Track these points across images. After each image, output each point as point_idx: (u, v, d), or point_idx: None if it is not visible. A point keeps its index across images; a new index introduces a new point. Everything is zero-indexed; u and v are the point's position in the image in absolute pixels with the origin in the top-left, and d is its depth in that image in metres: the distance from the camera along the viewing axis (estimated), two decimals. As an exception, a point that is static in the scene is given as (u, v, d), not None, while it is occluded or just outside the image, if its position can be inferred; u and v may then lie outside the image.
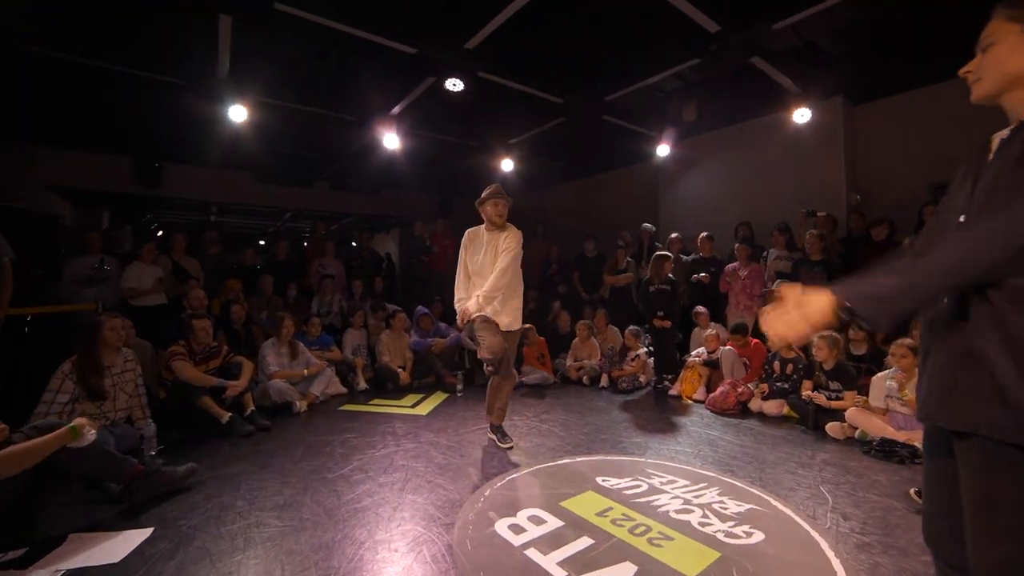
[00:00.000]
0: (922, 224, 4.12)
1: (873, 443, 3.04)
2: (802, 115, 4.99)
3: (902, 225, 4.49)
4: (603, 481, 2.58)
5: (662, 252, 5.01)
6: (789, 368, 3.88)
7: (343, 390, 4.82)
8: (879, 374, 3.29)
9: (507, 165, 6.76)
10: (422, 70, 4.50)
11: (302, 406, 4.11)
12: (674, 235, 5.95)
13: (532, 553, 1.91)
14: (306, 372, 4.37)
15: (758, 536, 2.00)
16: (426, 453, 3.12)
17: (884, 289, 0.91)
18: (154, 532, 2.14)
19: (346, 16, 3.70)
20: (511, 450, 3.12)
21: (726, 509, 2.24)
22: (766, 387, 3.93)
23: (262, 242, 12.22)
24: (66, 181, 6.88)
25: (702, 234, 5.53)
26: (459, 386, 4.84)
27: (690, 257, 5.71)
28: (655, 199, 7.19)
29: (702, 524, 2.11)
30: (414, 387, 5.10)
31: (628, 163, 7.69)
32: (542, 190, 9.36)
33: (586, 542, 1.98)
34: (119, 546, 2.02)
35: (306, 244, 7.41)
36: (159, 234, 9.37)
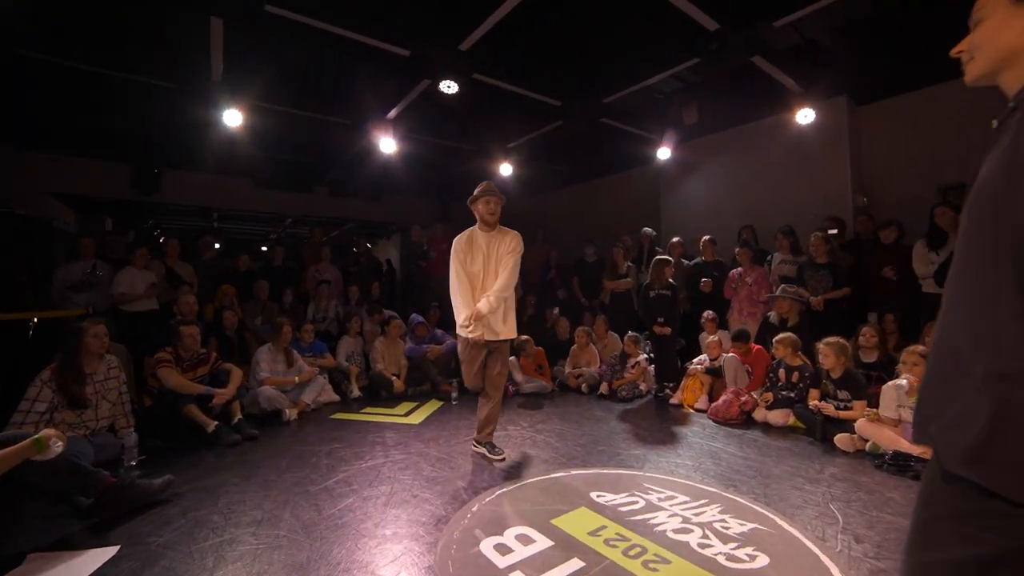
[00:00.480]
0: (933, 226, 3.95)
1: (886, 456, 2.87)
2: (805, 116, 4.87)
3: (910, 227, 4.35)
4: (598, 497, 2.44)
5: (662, 256, 4.88)
6: (795, 376, 3.73)
7: (336, 398, 4.71)
8: (890, 383, 3.14)
9: (506, 169, 6.68)
10: (416, 72, 4.44)
11: (292, 414, 4.01)
12: (675, 239, 5.82)
13: (517, 576, 1.78)
14: (297, 379, 4.27)
15: (762, 560, 1.86)
16: (415, 465, 3.00)
17: None
18: (120, 550, 2.03)
19: (338, 18, 3.64)
20: (502, 462, 2.99)
21: (728, 529, 2.10)
22: (770, 396, 3.78)
23: (264, 248, 12.21)
24: (67, 187, 6.89)
25: (704, 237, 5.40)
26: (454, 394, 4.72)
27: (692, 261, 5.58)
28: (656, 203, 7.07)
29: (702, 546, 1.97)
30: (409, 395, 4.99)
31: (628, 166, 7.59)
32: (541, 194, 9.28)
33: (576, 564, 1.85)
34: (81, 567, 1.91)
35: (303, 250, 7.34)
36: (161, 240, 9.37)
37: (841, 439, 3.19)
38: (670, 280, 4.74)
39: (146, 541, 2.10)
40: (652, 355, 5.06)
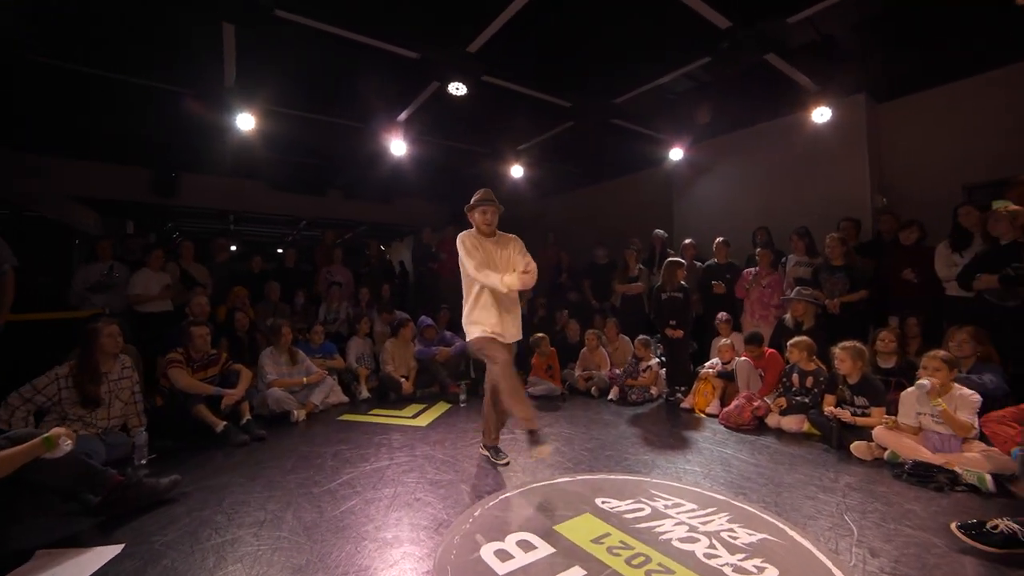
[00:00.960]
0: (957, 227, 3.79)
1: (905, 466, 2.75)
2: (822, 114, 4.75)
3: (933, 228, 4.19)
4: (602, 503, 2.39)
5: (674, 259, 4.80)
6: (809, 381, 3.62)
7: (345, 399, 4.73)
8: (909, 389, 3.02)
9: (516, 171, 6.66)
10: (425, 75, 4.45)
11: (300, 415, 4.04)
12: (687, 241, 5.73)
13: (516, 584, 1.74)
14: (305, 380, 4.30)
15: (771, 572, 1.79)
16: (419, 467, 2.98)
17: None
18: (125, 548, 2.05)
19: (347, 21, 3.67)
20: (507, 466, 2.95)
21: (736, 539, 2.03)
22: (784, 401, 3.68)
23: (279, 250, 12.39)
24: (90, 192, 7.08)
25: (718, 239, 5.29)
26: (462, 396, 4.71)
27: (704, 263, 5.47)
28: (668, 205, 6.97)
29: (708, 556, 1.90)
30: (417, 396, 4.99)
31: (640, 168, 7.50)
32: (552, 196, 9.23)
33: (577, 573, 1.80)
34: (85, 564, 1.93)
35: (315, 252, 7.42)
36: (179, 242, 9.58)
37: (858, 447, 3.08)
38: (682, 282, 4.66)
39: (150, 540, 2.11)
40: (664, 358, 4.98)
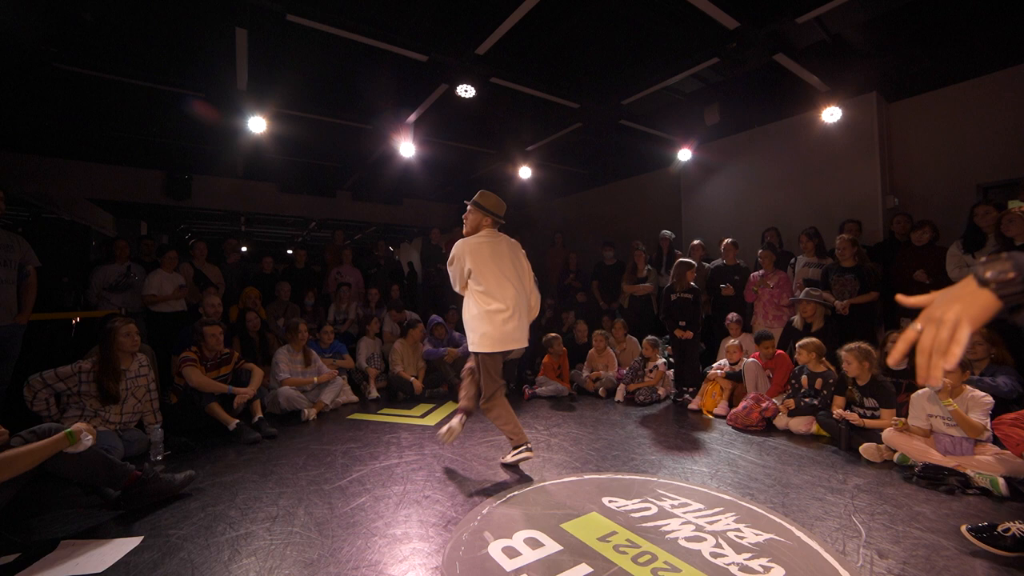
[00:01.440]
0: (972, 227, 3.73)
1: (915, 468, 2.73)
2: (832, 114, 4.72)
3: (946, 228, 4.15)
4: (609, 502, 2.41)
5: (684, 259, 4.79)
6: (818, 383, 3.60)
7: (355, 399, 4.79)
8: (920, 391, 2.99)
9: (525, 172, 6.69)
10: (434, 77, 4.50)
11: (311, 414, 4.09)
12: (696, 241, 5.71)
13: (523, 580, 1.77)
14: (316, 380, 4.36)
15: (777, 572, 1.80)
16: (428, 466, 3.01)
17: None
18: (143, 541, 2.10)
19: (357, 25, 3.73)
20: (517, 465, 2.97)
21: (743, 539, 2.04)
22: (792, 403, 3.66)
23: (290, 251, 12.54)
24: (106, 194, 7.25)
25: (726, 240, 5.28)
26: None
27: (712, 264, 5.46)
28: (676, 205, 6.97)
29: (714, 555, 1.91)
30: (426, 396, 5.03)
31: (648, 169, 7.51)
32: (561, 198, 9.26)
33: (584, 570, 1.82)
34: (107, 555, 1.99)
35: (325, 252, 7.51)
36: (192, 243, 9.75)
37: (867, 449, 3.06)
38: (692, 283, 4.65)
39: (167, 533, 2.17)
40: (671, 359, 4.97)
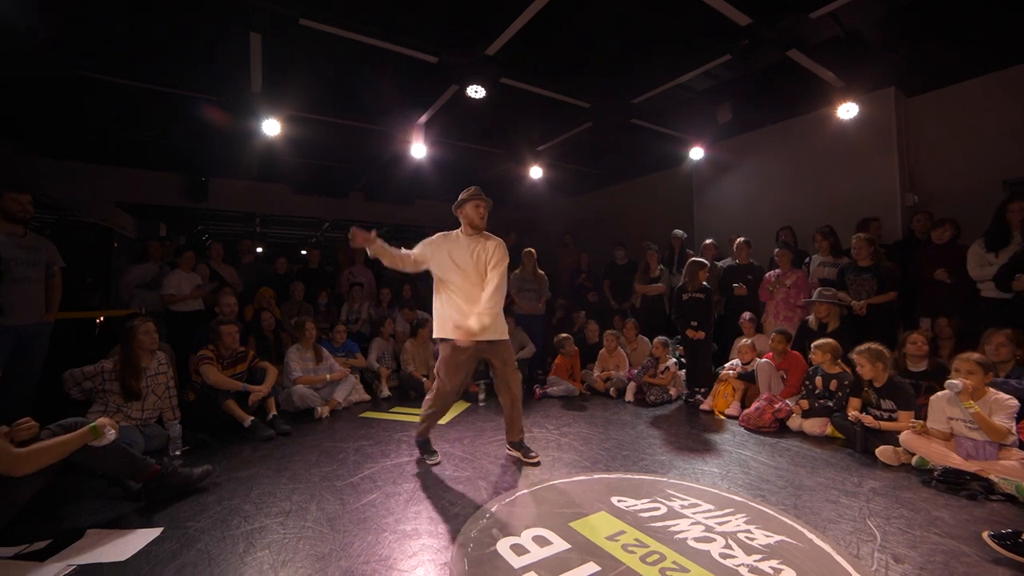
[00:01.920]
0: (997, 225, 3.56)
1: (935, 472, 2.67)
2: (848, 110, 4.64)
3: (967, 226, 4.05)
4: (618, 501, 2.41)
5: (697, 259, 4.75)
6: (833, 384, 3.54)
7: (367, 397, 4.84)
8: (939, 393, 2.93)
9: (536, 172, 6.70)
10: (444, 78, 4.53)
11: (324, 412, 4.15)
12: (708, 241, 5.66)
13: (531, 577, 1.78)
14: (328, 377, 4.43)
15: (788, 574, 1.78)
16: (438, 464, 3.04)
17: None
18: (163, 532, 2.17)
19: (367, 28, 3.78)
20: (537, 465, 2.98)
21: (753, 540, 2.02)
22: (806, 403, 3.61)
23: (303, 252, 12.72)
24: (127, 197, 7.45)
25: (739, 239, 5.22)
26: (481, 396, 4.76)
27: (724, 263, 5.40)
28: (688, 204, 6.91)
29: (724, 556, 1.90)
30: (437, 395, 5.05)
31: (659, 168, 7.46)
32: (571, 197, 9.24)
33: (591, 568, 1.83)
34: (129, 544, 2.06)
35: (338, 253, 7.61)
36: (208, 244, 9.95)
37: (884, 452, 3.00)
38: (704, 283, 4.61)
39: (185, 525, 2.23)
40: (683, 359, 4.93)
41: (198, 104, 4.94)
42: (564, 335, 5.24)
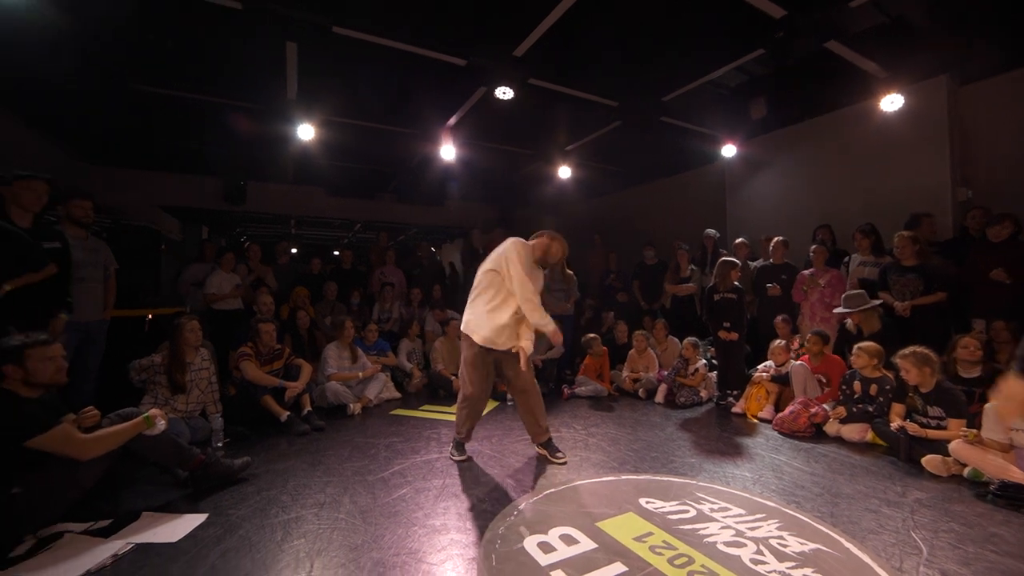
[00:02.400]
0: None
1: (991, 486, 2.48)
2: (892, 102, 4.42)
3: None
4: (647, 503, 2.38)
5: (728, 258, 4.64)
6: (873, 389, 3.39)
7: (397, 395, 4.95)
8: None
9: (564, 172, 6.69)
10: (473, 81, 4.58)
11: (356, 408, 4.27)
12: (739, 240, 5.51)
13: (558, 575, 1.79)
14: (361, 375, 4.55)
15: (823, 582, 1.73)
16: (467, 461, 3.08)
17: None
18: (208, 518, 2.29)
19: (397, 33, 3.87)
20: (563, 464, 2.99)
21: (786, 547, 1.97)
22: (843, 410, 3.46)
23: (336, 252, 13.10)
24: (172, 201, 7.86)
25: (776, 238, 5.04)
26: (510, 395, 4.78)
27: (757, 263, 5.24)
28: (719, 203, 6.73)
29: (755, 562, 1.86)
30: (465, 394, 5.12)
31: (690, 166, 7.30)
32: (600, 197, 9.16)
33: (618, 568, 1.82)
34: (178, 527, 2.20)
35: (369, 253, 7.79)
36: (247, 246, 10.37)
37: (931, 461, 2.83)
38: (736, 283, 4.50)
39: (227, 512, 2.35)
40: (714, 361, 4.82)
41: (237, 112, 5.18)
42: (592, 335, 5.21)
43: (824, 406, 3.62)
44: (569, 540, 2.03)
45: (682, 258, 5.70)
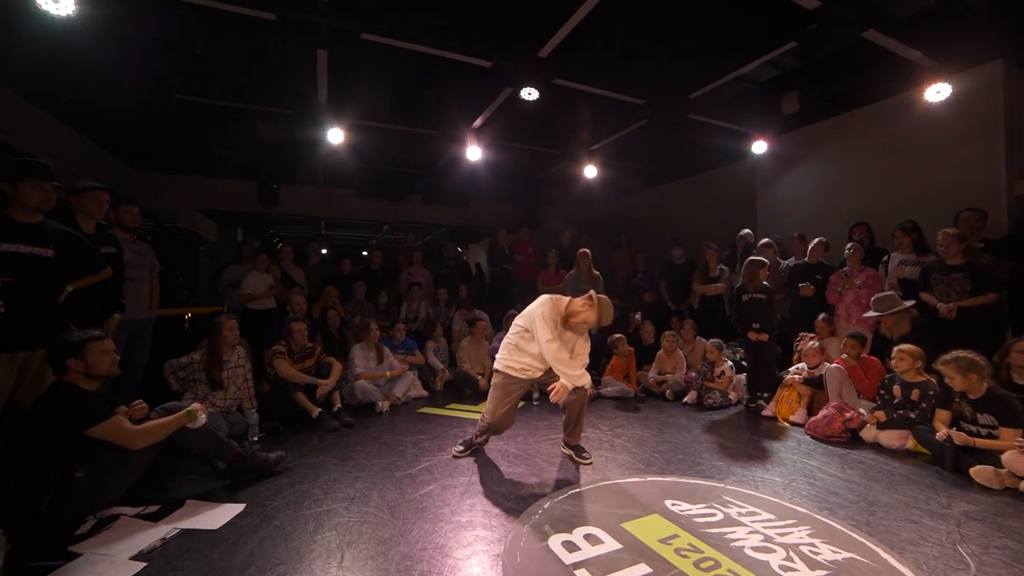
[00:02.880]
0: None
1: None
2: (938, 92, 4.19)
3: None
4: (672, 505, 2.36)
5: (756, 258, 4.52)
6: (915, 394, 3.24)
7: (424, 393, 5.03)
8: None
9: (590, 172, 6.65)
10: (498, 82, 4.61)
11: (384, 406, 4.37)
12: (765, 240, 5.34)
13: (582, 574, 1.79)
14: (388, 374, 4.65)
15: (857, 591, 1.68)
16: (493, 460, 3.12)
17: None
18: (246, 508, 2.40)
19: (424, 37, 3.93)
20: (589, 465, 2.99)
21: (818, 554, 1.92)
22: (882, 415, 3.32)
23: (364, 252, 13.39)
24: (209, 204, 8.20)
25: (816, 239, 4.86)
26: (535, 394, 4.80)
27: (789, 261, 5.06)
28: (749, 201, 6.56)
29: (784, 568, 1.82)
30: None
31: (719, 163, 7.13)
32: (627, 196, 9.05)
33: (643, 570, 1.81)
34: (219, 516, 2.32)
35: (397, 254, 7.94)
36: (279, 247, 10.73)
37: (981, 472, 2.66)
38: (764, 283, 4.38)
39: (263, 503, 2.45)
40: (743, 362, 4.71)
41: (270, 117, 5.37)
42: (618, 335, 5.16)
43: (860, 410, 3.48)
44: (594, 540, 2.04)
45: (711, 258, 5.59)
